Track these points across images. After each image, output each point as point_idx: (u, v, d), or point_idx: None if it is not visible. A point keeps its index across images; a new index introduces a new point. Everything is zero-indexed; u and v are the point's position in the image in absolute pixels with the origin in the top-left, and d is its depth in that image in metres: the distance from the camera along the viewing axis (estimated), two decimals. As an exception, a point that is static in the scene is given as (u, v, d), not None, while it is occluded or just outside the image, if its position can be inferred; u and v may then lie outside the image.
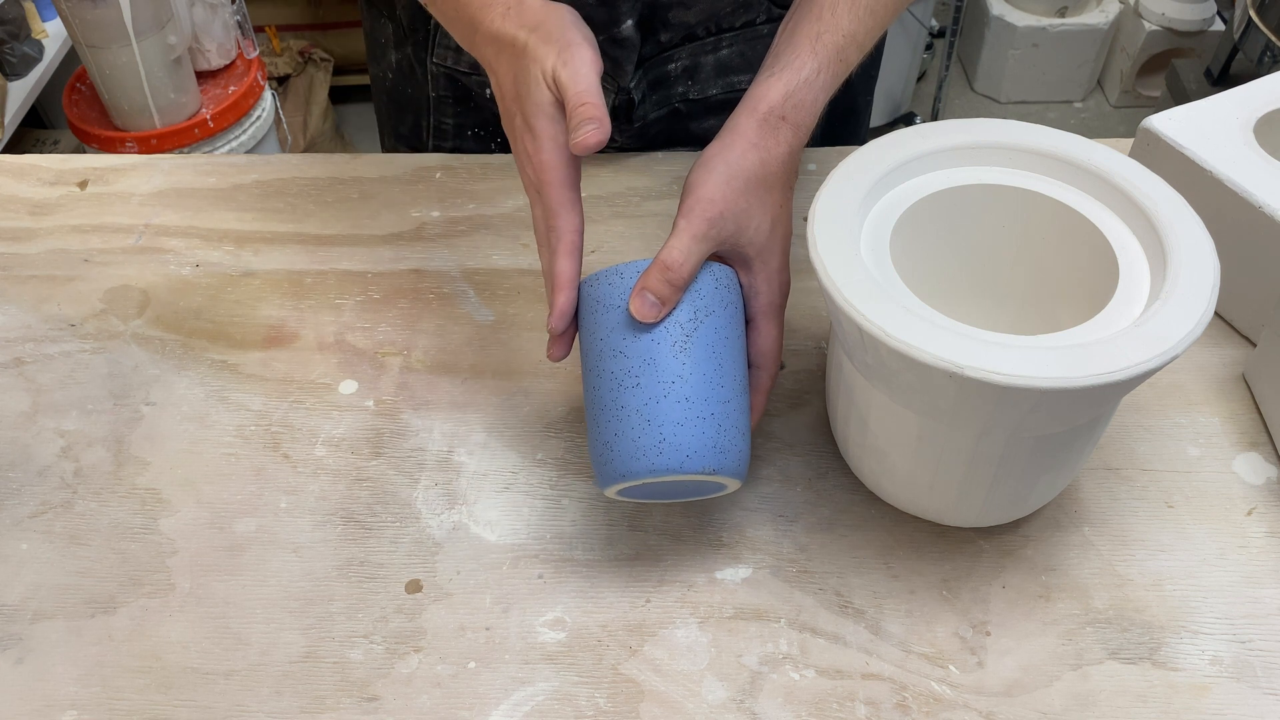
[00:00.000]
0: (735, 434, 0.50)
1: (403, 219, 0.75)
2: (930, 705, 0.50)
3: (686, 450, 0.48)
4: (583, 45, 0.51)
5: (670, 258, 0.49)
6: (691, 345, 0.50)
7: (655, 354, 0.49)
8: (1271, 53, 1.62)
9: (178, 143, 1.58)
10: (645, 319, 0.49)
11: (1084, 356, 0.44)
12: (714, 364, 0.50)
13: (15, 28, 1.71)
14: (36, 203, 0.78)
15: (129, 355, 0.67)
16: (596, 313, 0.51)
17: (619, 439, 0.49)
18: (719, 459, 0.49)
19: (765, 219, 0.52)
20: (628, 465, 0.49)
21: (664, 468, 0.48)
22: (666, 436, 0.48)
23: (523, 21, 0.52)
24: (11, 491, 0.59)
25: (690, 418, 0.49)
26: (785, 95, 0.52)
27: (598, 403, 0.51)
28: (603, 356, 0.51)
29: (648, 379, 0.49)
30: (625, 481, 0.50)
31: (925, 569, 0.55)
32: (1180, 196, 0.51)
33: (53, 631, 0.53)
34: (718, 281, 0.51)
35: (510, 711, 0.50)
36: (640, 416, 0.49)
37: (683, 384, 0.49)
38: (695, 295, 0.50)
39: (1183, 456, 0.59)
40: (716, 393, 0.49)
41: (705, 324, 0.50)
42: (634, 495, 0.53)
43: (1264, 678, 0.50)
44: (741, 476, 0.51)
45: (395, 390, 0.64)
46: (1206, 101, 0.67)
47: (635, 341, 0.50)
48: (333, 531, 0.57)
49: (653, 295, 0.49)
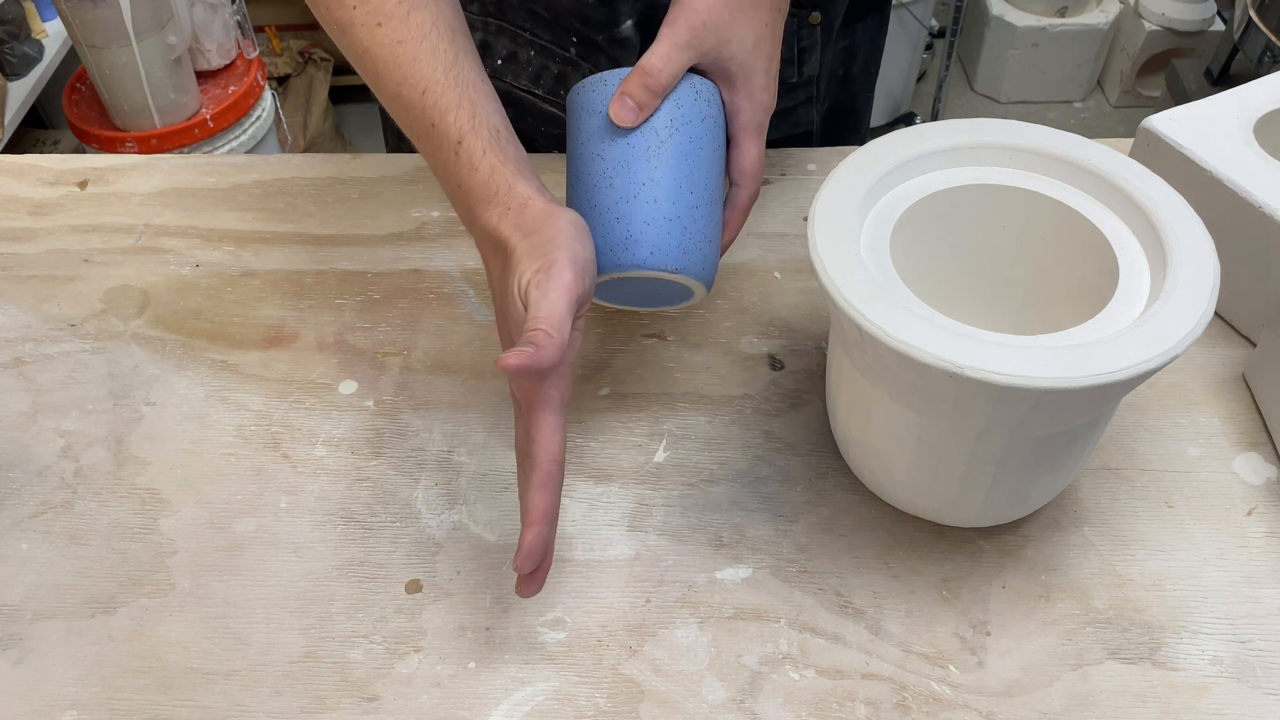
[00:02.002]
0: (702, 239, 0.52)
1: (403, 219, 0.75)
2: (930, 705, 0.50)
3: (651, 247, 0.51)
4: (564, 267, 0.47)
5: (650, 63, 0.50)
6: (665, 151, 0.52)
7: (629, 157, 0.52)
8: (1271, 53, 1.62)
9: (178, 143, 1.59)
10: (623, 123, 0.51)
11: (1084, 356, 0.44)
12: (686, 171, 0.52)
13: (15, 28, 1.71)
14: (36, 203, 0.78)
15: (129, 355, 0.67)
16: (580, 119, 0.53)
17: None
18: (682, 259, 0.52)
19: (749, 34, 0.52)
20: (597, 260, 0.51)
21: (629, 263, 0.51)
22: (633, 234, 0.51)
23: (518, 225, 0.49)
24: (11, 491, 0.59)
25: (657, 218, 0.51)
26: None
27: (575, 205, 0.53)
28: (582, 160, 0.53)
29: (620, 180, 0.51)
30: None
31: (925, 569, 0.55)
32: (1180, 196, 0.51)
33: (53, 631, 0.53)
34: (698, 94, 0.53)
35: (510, 711, 0.50)
36: (610, 215, 0.51)
37: (653, 186, 0.51)
38: (674, 104, 0.52)
39: (1183, 456, 0.59)
40: (686, 198, 0.52)
41: (680, 132, 0.52)
42: (609, 297, 0.56)
43: (1264, 678, 0.50)
44: (706, 281, 0.53)
45: (395, 390, 0.64)
46: (1206, 101, 0.67)
47: (612, 145, 0.52)
48: (333, 531, 0.57)
49: (631, 100, 0.50)
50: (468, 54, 0.54)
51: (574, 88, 0.54)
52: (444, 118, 0.51)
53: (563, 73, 0.75)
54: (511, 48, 0.75)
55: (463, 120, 0.51)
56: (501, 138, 0.52)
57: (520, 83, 0.76)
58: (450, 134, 0.51)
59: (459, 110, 0.51)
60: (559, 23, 0.72)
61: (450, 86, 0.51)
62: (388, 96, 0.54)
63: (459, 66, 0.52)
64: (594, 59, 0.73)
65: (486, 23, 0.74)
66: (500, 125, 0.52)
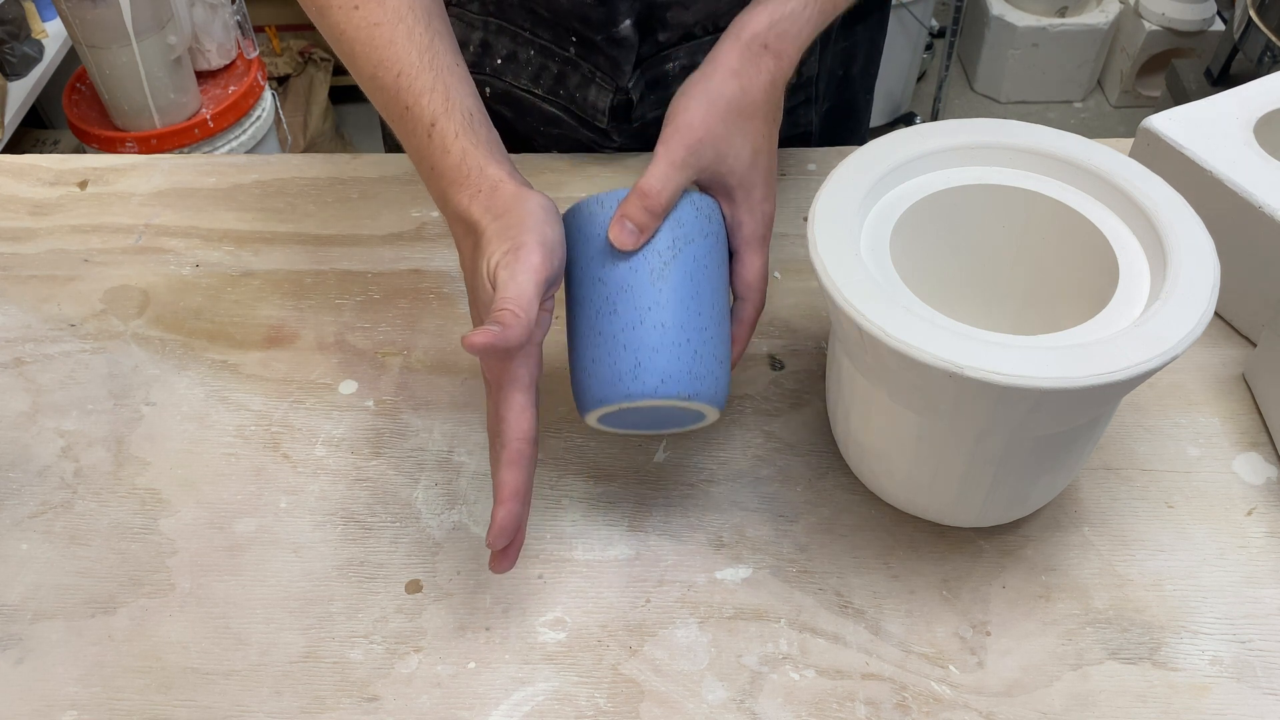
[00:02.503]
0: (712, 361, 0.50)
1: (403, 219, 0.75)
2: (930, 705, 0.50)
3: (661, 375, 0.49)
4: (532, 249, 0.47)
5: (648, 185, 0.49)
6: (669, 272, 0.50)
7: (633, 281, 0.50)
8: (1271, 53, 1.62)
9: (178, 143, 1.58)
10: (623, 246, 0.49)
11: (1084, 356, 0.44)
12: (692, 291, 0.50)
13: (15, 28, 1.71)
14: (36, 203, 0.78)
15: (129, 355, 0.67)
16: (578, 243, 0.51)
17: (597, 365, 0.49)
18: (694, 385, 0.49)
19: (746, 147, 0.52)
20: (605, 391, 0.49)
21: (639, 392, 0.49)
22: (643, 361, 0.49)
23: (489, 207, 0.49)
24: (11, 491, 0.59)
25: (666, 344, 0.49)
26: (770, 24, 0.52)
27: (578, 331, 0.51)
28: (583, 285, 0.51)
29: (625, 305, 0.49)
30: (603, 407, 0.50)
31: (925, 569, 0.55)
32: (1180, 196, 0.51)
33: (53, 631, 0.53)
34: (698, 210, 0.52)
35: (510, 711, 0.50)
36: (617, 342, 0.49)
37: (660, 310, 0.49)
38: (675, 223, 0.51)
39: (1183, 456, 0.59)
40: (694, 320, 0.50)
41: (684, 252, 0.50)
42: (616, 425, 0.53)
43: (1264, 678, 0.50)
44: (719, 404, 0.51)
45: (395, 390, 0.64)
46: (1206, 101, 0.67)
47: (614, 269, 0.50)
48: (333, 531, 0.57)
49: (631, 222, 0.49)
50: (443, 37, 0.54)
51: (570, 210, 0.52)
52: (418, 101, 0.52)
53: (562, 72, 0.75)
54: (511, 47, 0.75)
55: (436, 104, 0.51)
56: (475, 121, 0.52)
57: (520, 82, 0.76)
58: (424, 117, 0.51)
59: (433, 94, 0.52)
60: (559, 22, 0.72)
61: (425, 70, 0.52)
62: (364, 79, 0.54)
63: (434, 50, 0.53)
64: (593, 59, 0.73)
65: (486, 22, 0.74)
66: (474, 108, 0.52)
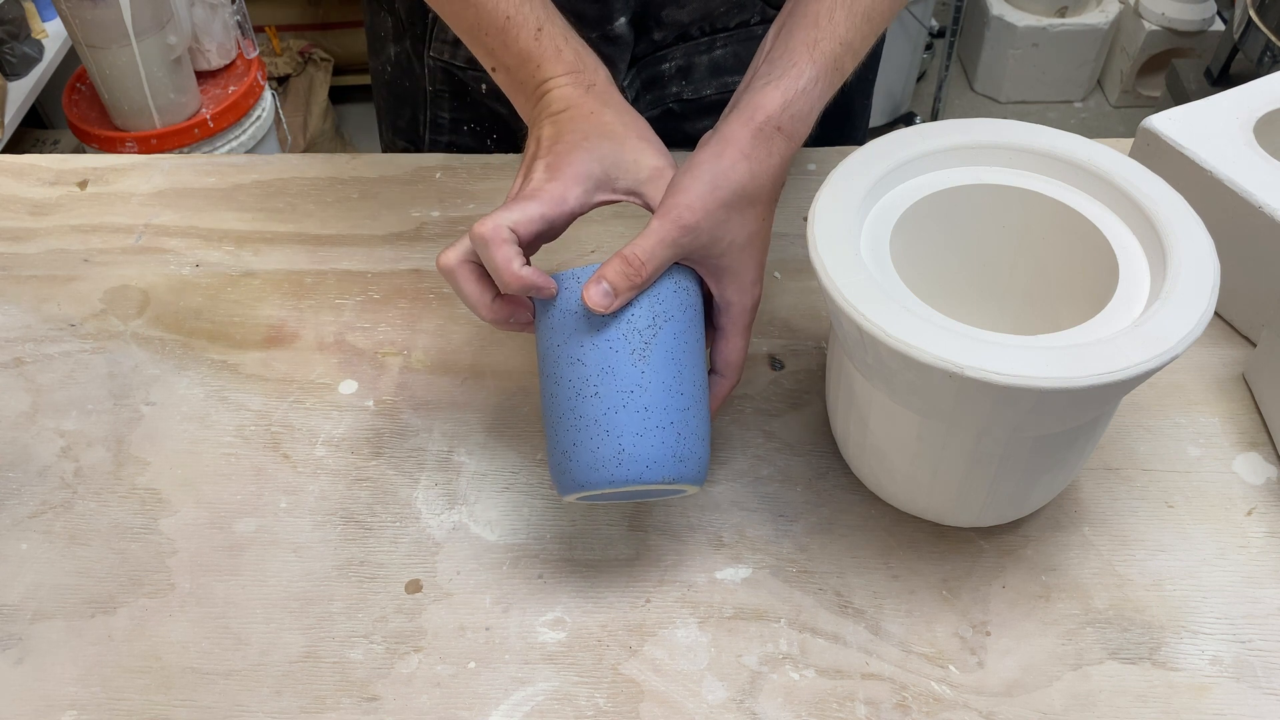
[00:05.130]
0: (695, 441, 0.49)
1: (403, 219, 0.75)
2: (930, 705, 0.50)
3: (646, 461, 0.48)
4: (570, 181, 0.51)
5: (634, 254, 0.48)
6: (650, 353, 0.49)
7: (613, 362, 0.48)
8: (1271, 53, 1.62)
9: (178, 143, 1.58)
10: (597, 309, 0.48)
11: (1084, 356, 0.44)
12: (673, 371, 0.49)
13: (15, 28, 1.71)
14: (36, 203, 0.78)
15: (129, 355, 0.67)
16: (553, 316, 0.50)
17: (577, 449, 0.48)
18: (678, 468, 0.49)
19: (742, 234, 0.51)
20: (587, 476, 0.48)
21: (623, 479, 0.48)
22: (626, 447, 0.48)
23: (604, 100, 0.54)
24: (11, 491, 0.59)
25: (650, 427, 0.48)
26: (783, 105, 0.51)
27: (555, 411, 0.50)
28: (559, 363, 0.49)
29: (606, 388, 0.48)
30: (584, 491, 0.49)
31: (925, 569, 0.55)
32: (1180, 196, 0.51)
33: (53, 631, 0.53)
34: (677, 285, 0.50)
35: (510, 711, 0.50)
36: (599, 427, 0.48)
37: (642, 393, 0.48)
38: (654, 299, 0.49)
39: (1183, 456, 0.59)
40: (676, 400, 0.49)
41: (664, 330, 0.49)
42: (595, 500, 0.53)
43: (1264, 678, 0.50)
44: (700, 482, 0.51)
45: (395, 390, 0.64)
46: (1206, 101, 0.67)
47: (593, 349, 0.49)
48: (333, 531, 0.57)
49: (608, 284, 0.48)
50: None
51: None
52: (519, 9, 0.54)
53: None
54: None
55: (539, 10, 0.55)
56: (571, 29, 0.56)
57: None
58: (529, 22, 0.54)
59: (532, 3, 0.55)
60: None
61: None
62: None
63: None
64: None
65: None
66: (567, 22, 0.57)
